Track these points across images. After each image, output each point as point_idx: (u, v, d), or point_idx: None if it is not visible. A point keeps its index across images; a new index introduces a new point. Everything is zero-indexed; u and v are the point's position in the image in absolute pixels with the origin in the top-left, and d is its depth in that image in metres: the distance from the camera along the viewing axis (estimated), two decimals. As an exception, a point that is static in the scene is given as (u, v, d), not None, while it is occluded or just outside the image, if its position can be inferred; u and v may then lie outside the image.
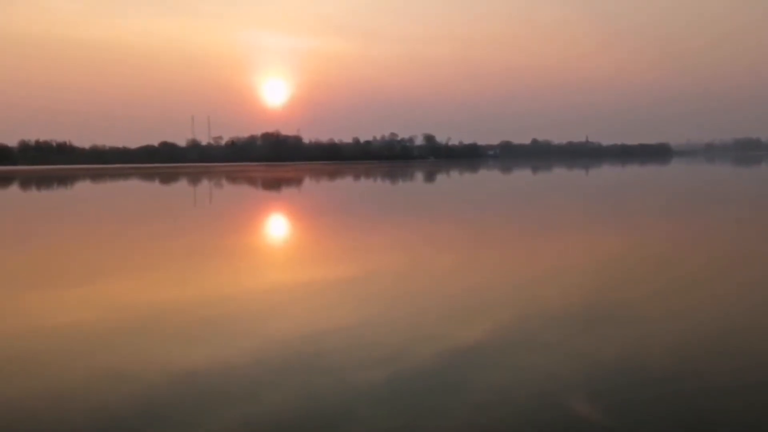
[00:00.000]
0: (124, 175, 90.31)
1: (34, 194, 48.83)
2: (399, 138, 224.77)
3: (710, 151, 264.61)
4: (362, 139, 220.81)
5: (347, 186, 55.75)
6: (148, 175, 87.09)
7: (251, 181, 65.50)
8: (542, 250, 14.96)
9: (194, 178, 74.07)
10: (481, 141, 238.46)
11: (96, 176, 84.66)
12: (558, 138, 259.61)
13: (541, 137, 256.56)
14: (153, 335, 8.08)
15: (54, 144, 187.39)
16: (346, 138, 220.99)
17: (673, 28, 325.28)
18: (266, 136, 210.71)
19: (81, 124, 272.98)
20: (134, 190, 54.05)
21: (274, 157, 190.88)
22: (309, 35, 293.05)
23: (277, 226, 23.69)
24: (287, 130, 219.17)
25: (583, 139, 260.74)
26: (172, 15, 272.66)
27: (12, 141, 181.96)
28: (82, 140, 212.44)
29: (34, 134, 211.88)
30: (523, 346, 7.29)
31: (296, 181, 64.26)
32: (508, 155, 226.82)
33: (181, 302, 9.92)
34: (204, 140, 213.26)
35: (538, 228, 20.19)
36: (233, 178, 73.79)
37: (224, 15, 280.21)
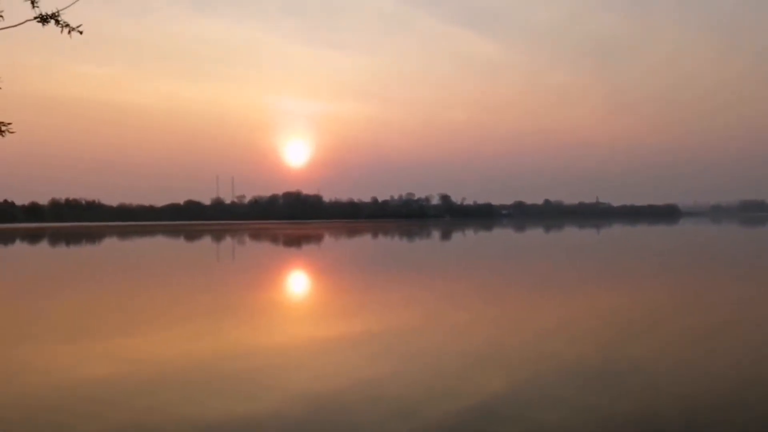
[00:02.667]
0: (150, 232, 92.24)
1: (64, 250, 50.16)
2: (416, 197, 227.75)
3: (716, 212, 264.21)
4: (380, 199, 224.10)
5: (366, 244, 56.20)
6: (173, 232, 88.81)
7: (273, 239, 66.40)
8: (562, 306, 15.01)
9: (218, 236, 75.35)
10: (495, 201, 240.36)
11: (123, 233, 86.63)
12: (569, 198, 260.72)
13: (553, 198, 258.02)
14: (176, 388, 8.37)
15: (83, 202, 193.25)
16: (365, 197, 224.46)
17: (680, 91, 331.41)
18: (287, 195, 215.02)
19: (110, 182, 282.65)
20: (160, 246, 55.18)
21: (295, 216, 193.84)
22: (329, 99, 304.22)
23: (298, 283, 24.04)
24: (308, 190, 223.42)
25: (594, 200, 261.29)
26: (199, 80, 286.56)
27: (43, 199, 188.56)
28: (111, 198, 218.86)
29: (65, 192, 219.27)
30: (538, 400, 7.41)
31: (316, 239, 64.98)
32: (521, 215, 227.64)
33: (204, 356, 10.24)
34: (228, 199, 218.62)
35: (558, 285, 20.21)
36: (255, 236, 74.89)
37: (249, 80, 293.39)
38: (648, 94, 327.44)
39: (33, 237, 75.97)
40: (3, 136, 6.20)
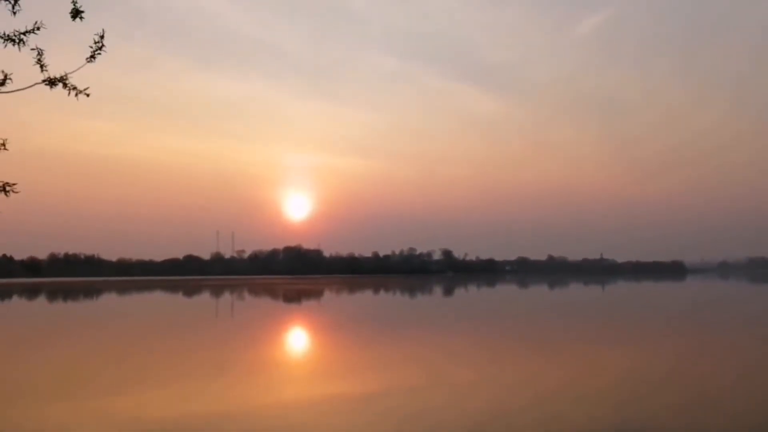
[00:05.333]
0: (149, 287, 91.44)
1: (61, 306, 49.61)
2: (417, 253, 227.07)
3: (724, 269, 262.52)
4: (381, 254, 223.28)
5: (367, 300, 55.62)
6: (172, 288, 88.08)
7: (273, 295, 65.78)
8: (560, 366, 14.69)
9: (217, 291, 74.70)
10: (498, 256, 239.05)
11: (122, 289, 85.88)
12: (573, 255, 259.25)
13: (556, 254, 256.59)
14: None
15: (82, 257, 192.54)
16: (366, 252, 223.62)
17: (686, 148, 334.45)
18: (288, 250, 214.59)
19: (109, 237, 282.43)
20: (159, 302, 54.61)
21: (295, 270, 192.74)
22: (331, 154, 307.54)
23: (297, 341, 23.70)
24: (308, 244, 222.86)
25: (598, 256, 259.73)
26: (201, 135, 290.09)
27: (42, 254, 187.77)
28: (110, 253, 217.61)
29: (64, 247, 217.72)
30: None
31: (316, 295, 64.36)
32: (524, 271, 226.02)
33: (202, 416, 10.00)
34: (228, 254, 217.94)
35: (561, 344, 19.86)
36: (255, 291, 74.22)
37: (251, 136, 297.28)
38: (652, 150, 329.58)
39: (30, 293, 75.29)
40: (8, 196, 6.24)
